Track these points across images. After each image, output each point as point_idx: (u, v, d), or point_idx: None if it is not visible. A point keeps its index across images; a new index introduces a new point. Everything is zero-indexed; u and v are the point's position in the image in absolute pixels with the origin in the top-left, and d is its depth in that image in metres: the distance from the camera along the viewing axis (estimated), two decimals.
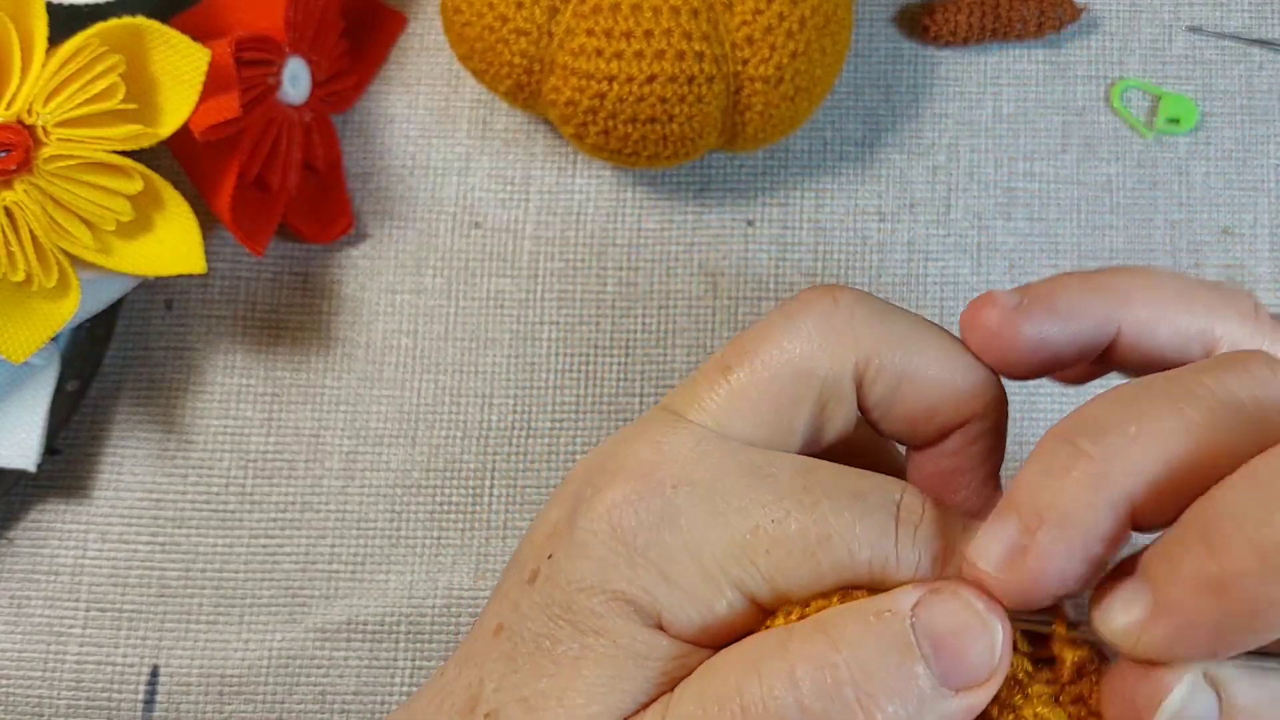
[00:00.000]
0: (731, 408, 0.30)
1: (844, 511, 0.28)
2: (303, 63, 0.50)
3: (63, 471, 0.51)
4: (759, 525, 0.28)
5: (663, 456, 0.29)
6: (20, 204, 0.41)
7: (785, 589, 0.28)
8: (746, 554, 0.28)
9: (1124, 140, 0.55)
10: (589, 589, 0.28)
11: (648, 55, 0.47)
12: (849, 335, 0.30)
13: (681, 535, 0.28)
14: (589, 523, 0.29)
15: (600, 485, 0.29)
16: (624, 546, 0.28)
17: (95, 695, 0.49)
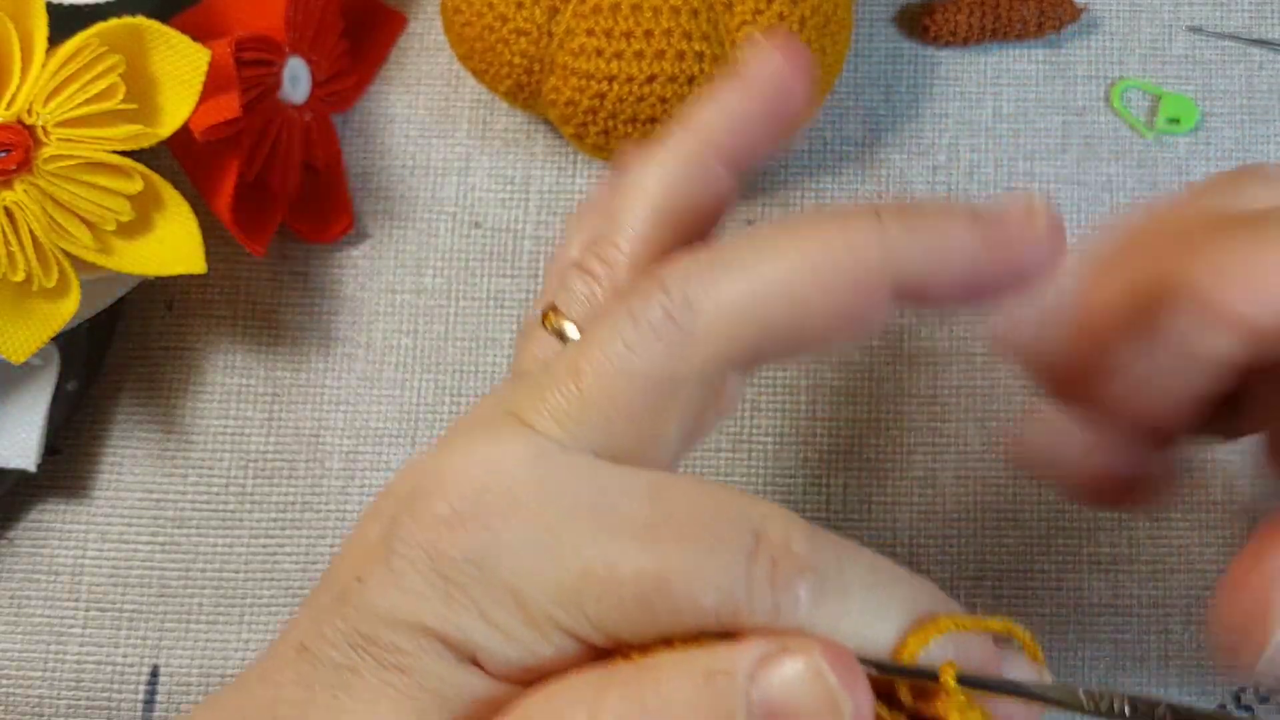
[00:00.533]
0: (585, 419, 0.26)
1: (689, 549, 0.24)
2: (303, 62, 0.50)
3: (63, 471, 0.51)
4: (589, 569, 0.25)
5: (493, 479, 0.26)
6: (20, 204, 0.41)
7: (619, 636, 0.25)
8: (574, 600, 0.25)
9: (1124, 140, 0.55)
10: (396, 623, 0.26)
11: (648, 55, 0.47)
12: (695, 326, 0.26)
13: (504, 574, 0.25)
14: (405, 548, 0.26)
15: (421, 507, 0.26)
16: (440, 579, 0.25)
17: (95, 695, 0.49)
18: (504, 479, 0.26)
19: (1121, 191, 0.54)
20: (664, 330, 0.26)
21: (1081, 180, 0.54)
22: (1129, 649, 0.48)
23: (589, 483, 0.26)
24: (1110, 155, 0.54)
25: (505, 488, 0.26)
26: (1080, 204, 0.54)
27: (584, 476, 0.26)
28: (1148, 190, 0.54)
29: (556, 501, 0.25)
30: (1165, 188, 0.54)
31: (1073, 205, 0.54)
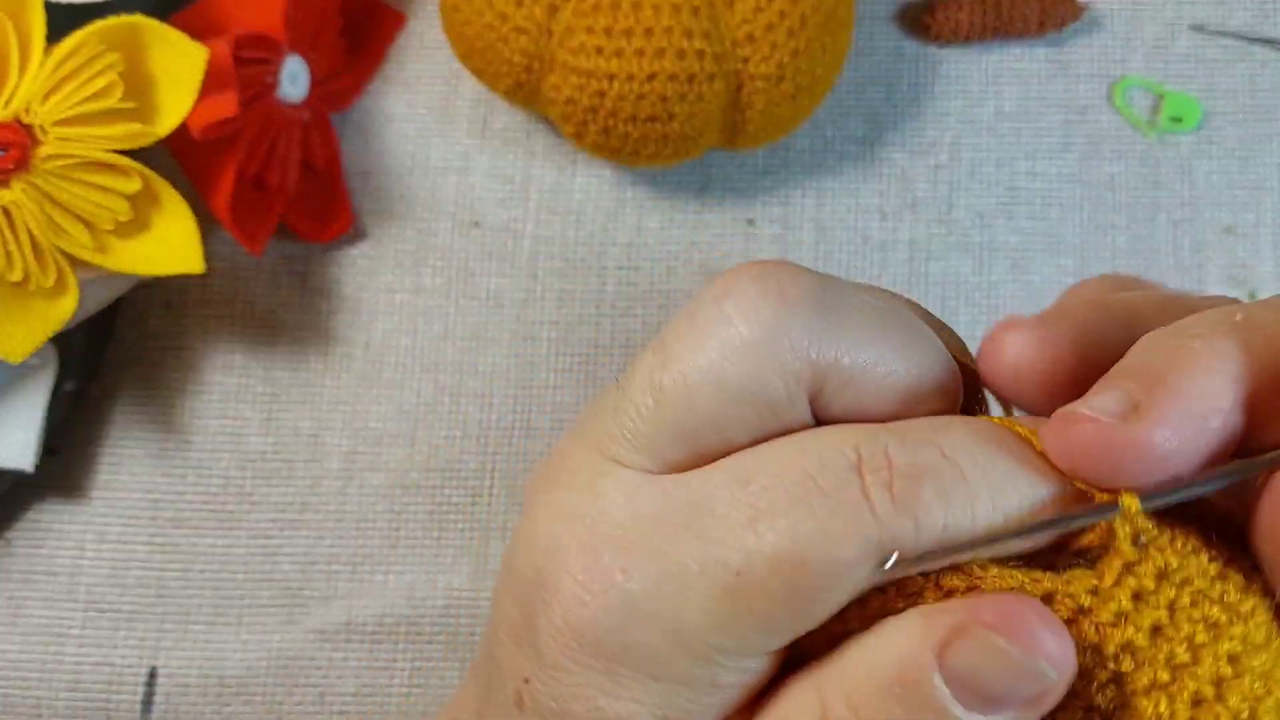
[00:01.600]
0: (662, 432, 0.26)
1: (802, 515, 0.24)
2: (301, 61, 0.50)
3: (61, 472, 0.51)
4: (725, 582, 0.24)
5: (598, 532, 0.25)
6: (18, 203, 0.41)
7: (790, 634, 0.24)
8: (730, 618, 0.24)
9: (1126, 139, 0.54)
10: (577, 715, 0.25)
11: (648, 53, 0.46)
12: (800, 349, 0.25)
13: (651, 626, 0.24)
14: (551, 640, 0.25)
15: (548, 584, 0.26)
16: (599, 660, 0.25)
17: (93, 697, 0.49)
18: (607, 527, 0.25)
19: (1124, 190, 0.54)
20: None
21: (1084, 179, 0.54)
22: None
23: (682, 499, 0.25)
24: (1112, 154, 0.54)
25: (613, 537, 0.25)
26: (1082, 203, 0.54)
27: (678, 491, 0.25)
28: (1150, 189, 0.54)
29: (664, 526, 0.25)
30: (1168, 187, 0.54)
31: (1075, 204, 0.54)
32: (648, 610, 0.24)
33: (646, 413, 0.26)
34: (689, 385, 0.25)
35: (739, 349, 0.25)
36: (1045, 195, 0.54)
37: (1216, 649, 0.24)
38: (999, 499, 0.24)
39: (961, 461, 0.24)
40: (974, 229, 0.54)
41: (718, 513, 0.24)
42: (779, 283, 0.25)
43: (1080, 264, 0.53)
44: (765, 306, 0.25)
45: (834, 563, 0.23)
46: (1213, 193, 0.54)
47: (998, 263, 0.53)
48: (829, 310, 0.25)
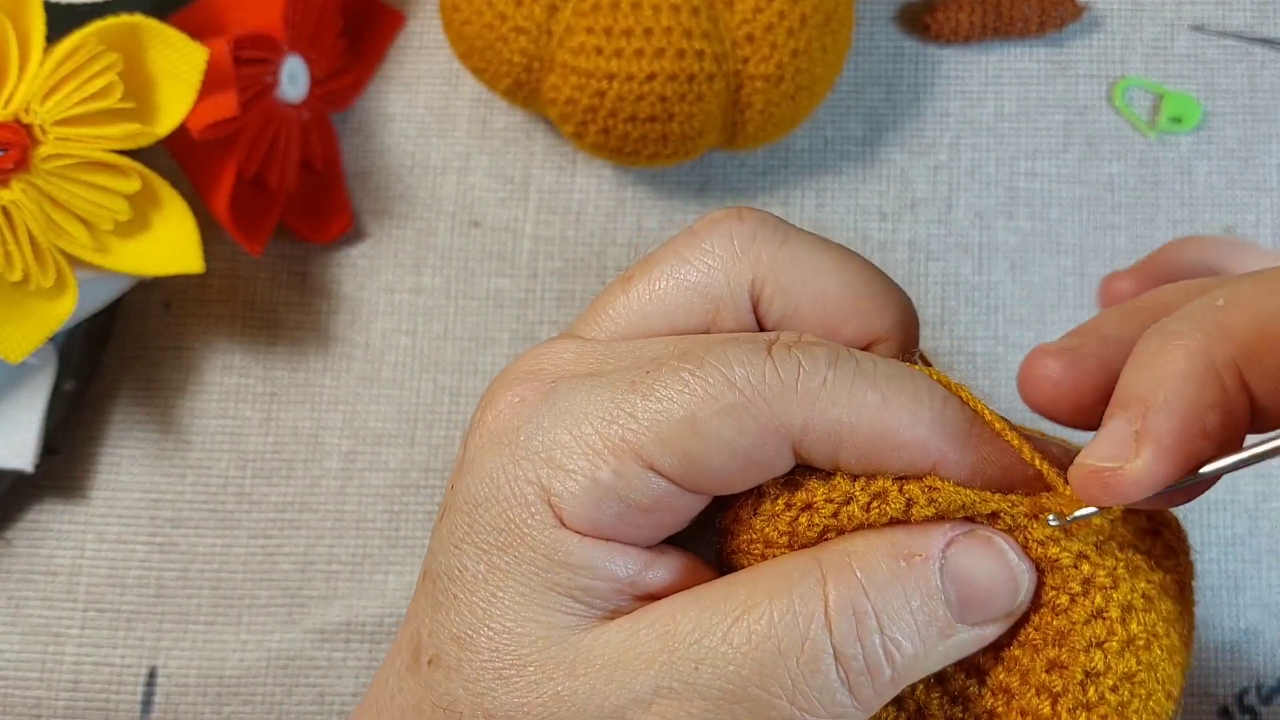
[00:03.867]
0: (625, 320, 0.30)
1: (714, 345, 0.28)
2: (301, 61, 0.50)
3: (60, 471, 0.51)
4: (633, 379, 0.27)
5: (545, 363, 0.29)
6: (18, 203, 0.41)
7: (670, 441, 0.27)
8: (623, 408, 0.27)
9: (1126, 139, 0.54)
10: (482, 503, 0.28)
11: (648, 53, 0.46)
12: (748, 254, 0.30)
13: (560, 416, 0.27)
14: (477, 438, 0.29)
15: (486, 403, 0.29)
16: (507, 445, 0.28)
17: (93, 696, 0.49)
18: (555, 361, 0.29)
19: (1123, 190, 0.54)
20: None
21: (1083, 179, 0.54)
22: None
23: (626, 345, 0.29)
24: (1112, 154, 0.54)
25: (556, 365, 0.29)
26: (1082, 202, 0.54)
27: (622, 344, 0.30)
28: (1150, 189, 0.54)
29: (601, 360, 0.29)
30: (1167, 186, 0.54)
31: (1075, 204, 0.54)
32: (562, 405, 0.28)
33: (618, 306, 0.30)
34: (653, 283, 0.30)
35: (697, 254, 0.30)
36: (1045, 195, 0.54)
37: (1134, 582, 0.28)
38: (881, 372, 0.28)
39: (864, 356, 0.28)
40: (974, 229, 0.54)
41: (650, 348, 0.29)
42: (739, 211, 0.30)
43: (1080, 264, 0.53)
44: (724, 223, 0.30)
45: (723, 377, 0.27)
46: (1212, 193, 0.54)
47: (998, 263, 0.53)
48: (777, 230, 0.30)
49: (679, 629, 0.26)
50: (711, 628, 0.26)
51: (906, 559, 0.27)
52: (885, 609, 0.26)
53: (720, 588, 0.27)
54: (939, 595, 0.27)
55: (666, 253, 0.30)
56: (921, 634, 0.27)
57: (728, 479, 0.28)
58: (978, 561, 0.27)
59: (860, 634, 0.26)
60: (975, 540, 0.27)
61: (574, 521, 0.27)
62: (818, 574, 0.27)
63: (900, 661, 0.27)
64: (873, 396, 0.27)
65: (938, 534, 0.27)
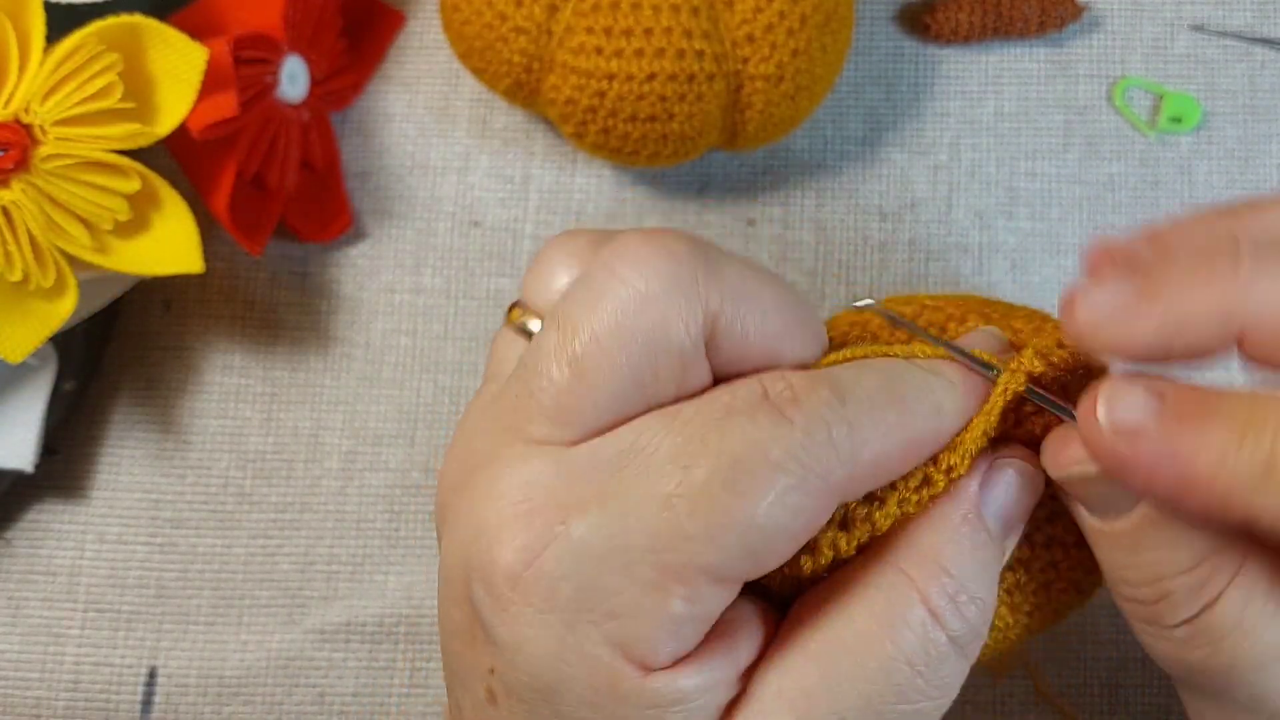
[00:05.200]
0: (586, 400, 0.27)
1: (727, 427, 0.25)
2: (301, 61, 0.50)
3: (60, 472, 0.51)
4: (667, 497, 0.25)
5: (532, 495, 0.26)
6: (18, 203, 0.41)
7: (728, 545, 0.25)
8: (672, 533, 0.25)
9: (1126, 139, 0.54)
10: (557, 687, 0.26)
11: (648, 53, 0.46)
12: (697, 296, 0.27)
13: (598, 563, 0.25)
14: (502, 615, 0.26)
15: (485, 564, 0.26)
16: (553, 614, 0.25)
17: (93, 697, 0.49)
18: (541, 494, 0.26)
19: (1124, 190, 0.54)
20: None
21: (1083, 179, 0.54)
22: (1132, 650, 0.48)
23: (610, 448, 0.26)
24: (1112, 154, 0.54)
25: (548, 500, 0.26)
26: (1082, 202, 0.54)
27: (608, 446, 0.26)
28: (1150, 189, 0.54)
29: (598, 477, 0.26)
30: (1167, 186, 0.54)
31: (1075, 204, 0.54)
32: (593, 548, 0.25)
33: (566, 384, 0.27)
34: (603, 348, 0.26)
35: (641, 303, 0.26)
36: (1045, 195, 0.54)
37: None
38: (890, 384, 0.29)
39: (842, 373, 0.28)
40: (974, 229, 0.54)
41: (648, 448, 0.26)
42: (664, 242, 0.27)
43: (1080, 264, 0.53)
44: (658, 262, 0.27)
45: (764, 463, 0.25)
46: (1213, 193, 0.54)
47: (998, 263, 0.53)
48: (712, 263, 0.28)
49: (812, 695, 0.26)
50: (842, 678, 0.27)
51: (965, 523, 0.29)
52: (965, 577, 0.28)
53: (821, 632, 0.27)
54: (993, 535, 0.29)
55: (598, 306, 0.27)
56: (991, 574, 0.29)
57: (787, 555, 0.27)
58: (1003, 491, 0.30)
59: (961, 611, 0.28)
60: (995, 476, 0.30)
61: (659, 662, 0.26)
62: (904, 578, 0.28)
63: (987, 606, 0.29)
64: (890, 415, 0.27)
65: (969, 487, 0.29)
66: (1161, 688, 0.48)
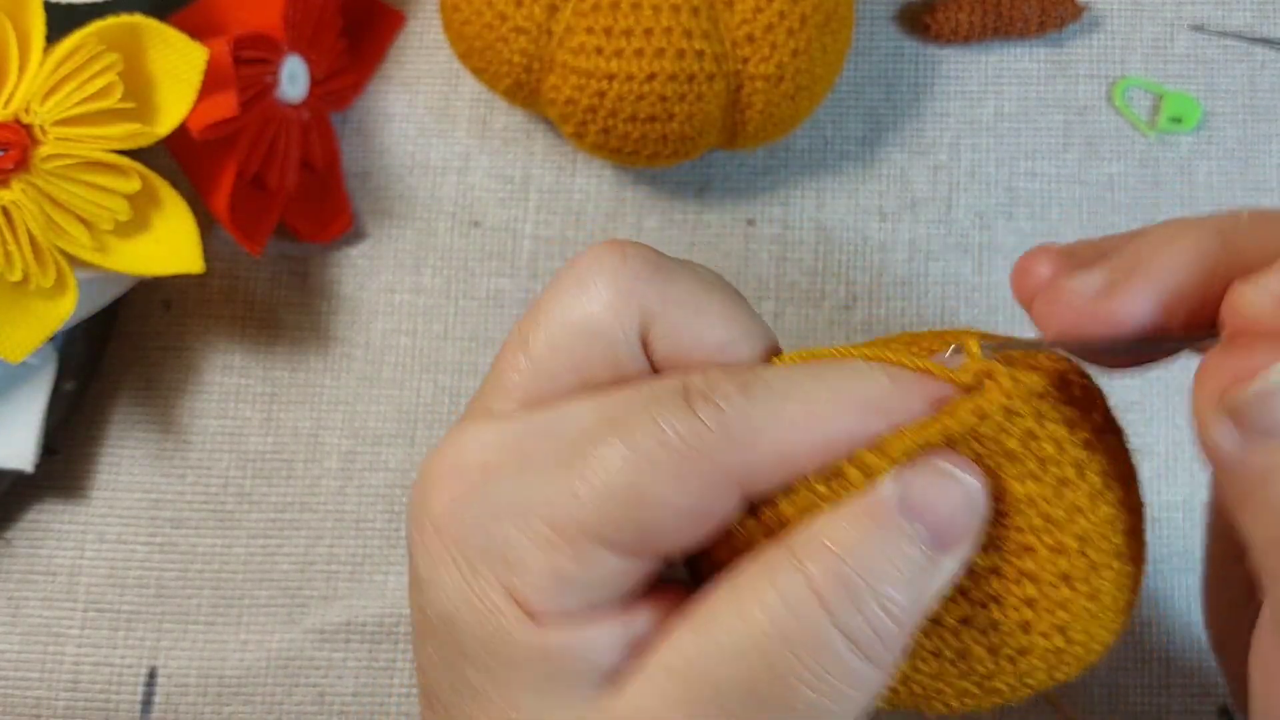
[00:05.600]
0: (534, 383, 0.29)
1: (636, 407, 0.27)
2: (301, 61, 0.50)
3: (60, 472, 0.51)
4: (567, 459, 0.27)
5: (467, 455, 0.29)
6: (17, 203, 0.41)
7: (617, 515, 0.27)
8: (563, 492, 0.27)
9: (1126, 139, 0.54)
10: (457, 621, 0.28)
11: (648, 53, 0.46)
12: (634, 295, 0.29)
13: (502, 512, 0.27)
14: (424, 552, 0.28)
15: (418, 508, 0.29)
16: (459, 555, 0.28)
17: (93, 697, 0.49)
18: (476, 451, 0.29)
19: (1124, 190, 0.54)
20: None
21: (1083, 179, 0.54)
22: (1132, 649, 0.48)
23: (542, 416, 0.29)
24: (1112, 154, 0.54)
25: (479, 456, 0.28)
26: (1082, 203, 0.54)
27: (538, 417, 0.29)
28: (1150, 189, 0.54)
29: (524, 441, 0.28)
30: (1167, 187, 0.54)
31: (1074, 204, 0.54)
32: (503, 503, 0.28)
33: (522, 367, 0.30)
34: (551, 336, 0.29)
35: (586, 297, 0.29)
36: (1045, 195, 0.54)
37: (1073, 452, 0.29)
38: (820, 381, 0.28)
39: (765, 371, 0.29)
40: (974, 229, 0.54)
41: (569, 421, 0.28)
42: (622, 248, 0.30)
43: None
44: (608, 262, 0.30)
45: (656, 442, 0.27)
46: (1213, 193, 0.54)
47: (997, 263, 0.53)
48: (660, 270, 0.30)
49: (690, 662, 0.27)
50: (715, 649, 0.27)
51: (868, 515, 0.27)
52: (868, 569, 0.27)
53: (707, 605, 0.27)
54: (911, 536, 0.27)
55: (555, 300, 0.30)
56: (909, 578, 0.27)
57: (681, 538, 0.28)
58: (930, 488, 0.27)
59: (856, 603, 0.27)
60: (920, 471, 0.28)
61: (547, 616, 0.27)
62: (791, 559, 0.27)
63: (899, 612, 0.27)
64: (792, 407, 0.27)
65: (887, 481, 0.27)
66: (1161, 688, 0.48)
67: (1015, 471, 0.29)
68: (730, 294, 0.31)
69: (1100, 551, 0.29)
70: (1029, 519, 0.29)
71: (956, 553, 0.28)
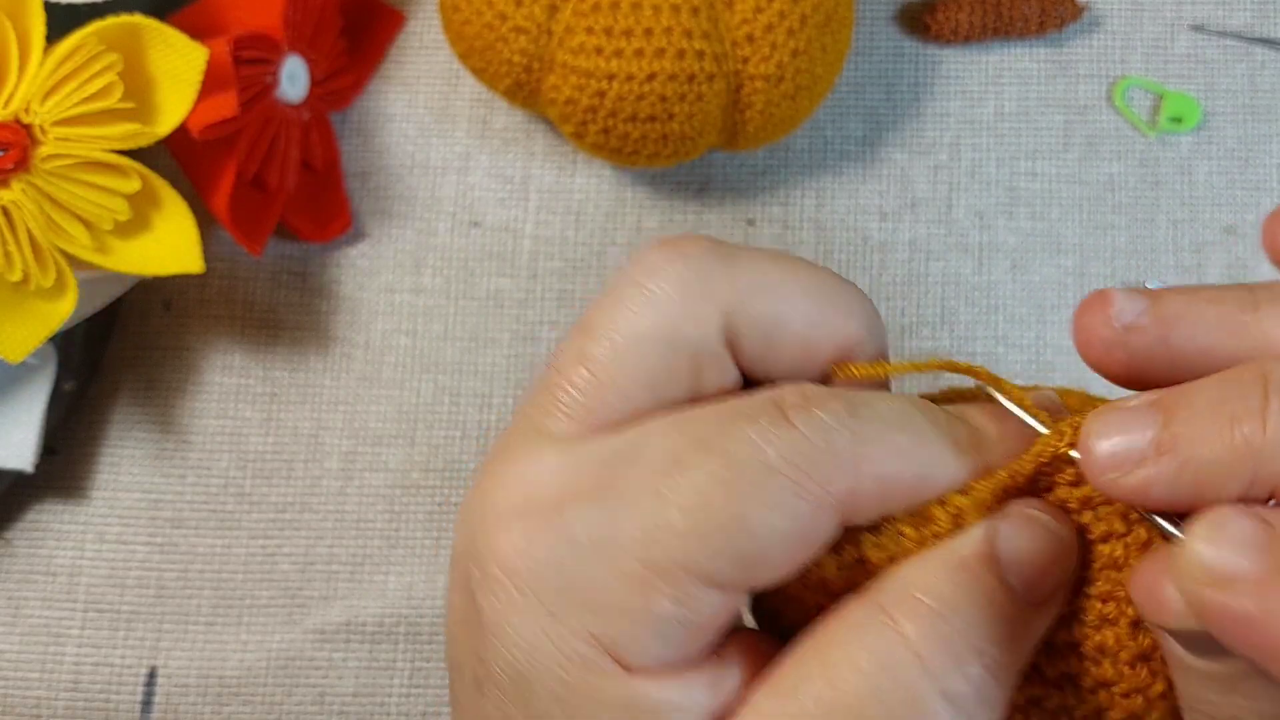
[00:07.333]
0: (599, 399, 0.27)
1: (728, 426, 0.25)
2: (301, 61, 0.50)
3: (60, 472, 0.51)
4: (658, 489, 0.24)
5: (532, 488, 0.26)
6: (18, 203, 0.41)
7: (721, 548, 0.24)
8: (660, 525, 0.24)
9: (1126, 139, 0.54)
10: (532, 675, 0.25)
11: (648, 53, 0.46)
12: (710, 294, 0.27)
13: (587, 552, 0.25)
14: (491, 597, 0.26)
15: (483, 549, 0.26)
16: (536, 600, 0.25)
17: (93, 697, 0.49)
18: (545, 482, 0.26)
19: (1124, 190, 0.54)
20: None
21: (1084, 179, 0.54)
22: None
23: (616, 445, 0.26)
24: (1112, 154, 0.54)
25: (550, 491, 0.26)
26: (1082, 202, 0.54)
27: (608, 444, 0.26)
28: (1150, 189, 0.54)
29: (600, 469, 0.26)
30: (1167, 187, 0.54)
31: (1075, 204, 0.54)
32: (584, 540, 0.25)
33: (581, 383, 0.27)
34: (617, 348, 0.27)
35: (654, 304, 0.27)
36: (1045, 195, 0.54)
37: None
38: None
39: (864, 393, 0.26)
40: (974, 229, 0.54)
41: (650, 446, 0.25)
42: (677, 245, 0.27)
43: (1080, 264, 0.53)
44: (670, 264, 0.27)
45: (759, 465, 0.24)
46: (1212, 193, 0.54)
47: (998, 263, 0.53)
48: (727, 259, 0.27)
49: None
50: (804, 717, 0.24)
51: (961, 567, 0.25)
52: (966, 626, 0.24)
53: (793, 667, 0.25)
54: (1005, 589, 0.25)
55: (616, 309, 0.27)
56: (1005, 634, 0.25)
57: (782, 568, 0.25)
58: (1025, 539, 0.25)
59: (958, 663, 0.24)
60: (1014, 521, 0.26)
61: (643, 665, 0.25)
62: (882, 616, 0.25)
63: (1001, 671, 0.25)
64: (902, 439, 0.26)
65: (978, 530, 0.26)
66: None
67: (1100, 531, 0.27)
68: (804, 265, 0.28)
69: None
70: (1112, 585, 0.27)
71: (1049, 609, 0.26)
